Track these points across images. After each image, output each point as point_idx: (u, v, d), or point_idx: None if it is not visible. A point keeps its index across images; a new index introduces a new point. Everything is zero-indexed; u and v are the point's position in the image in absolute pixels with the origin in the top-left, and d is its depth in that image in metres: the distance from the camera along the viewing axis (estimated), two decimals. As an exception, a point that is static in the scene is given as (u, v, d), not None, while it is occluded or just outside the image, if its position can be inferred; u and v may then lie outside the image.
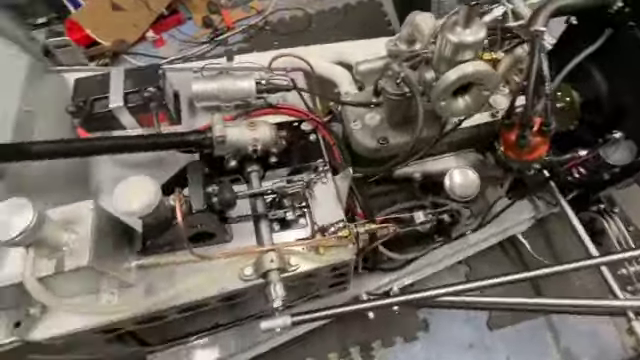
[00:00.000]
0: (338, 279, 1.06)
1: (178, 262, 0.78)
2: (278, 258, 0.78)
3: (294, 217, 0.85)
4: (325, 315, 0.90)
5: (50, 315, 0.72)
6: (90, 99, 0.90)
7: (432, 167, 1.05)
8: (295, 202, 0.85)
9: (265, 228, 0.84)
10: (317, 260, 0.84)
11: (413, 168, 1.05)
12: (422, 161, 1.05)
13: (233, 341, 1.19)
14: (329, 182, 0.96)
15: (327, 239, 0.84)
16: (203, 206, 0.69)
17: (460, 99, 0.78)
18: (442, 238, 1.16)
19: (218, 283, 0.79)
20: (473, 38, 0.68)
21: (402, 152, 0.86)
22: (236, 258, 0.81)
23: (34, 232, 0.56)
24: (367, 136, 0.95)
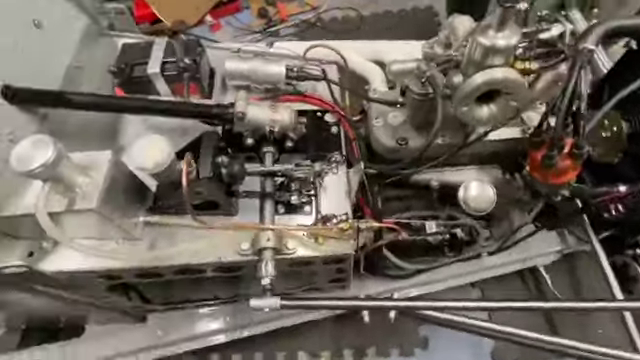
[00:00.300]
0: (338, 275, 1.05)
1: (182, 225, 0.81)
2: (275, 238, 0.79)
3: (299, 202, 0.86)
4: (316, 305, 0.90)
5: (60, 252, 0.78)
6: (131, 63, 0.96)
7: (451, 177, 1.01)
8: (302, 188, 0.86)
9: (269, 208, 0.86)
10: (315, 248, 0.84)
11: (431, 175, 1.02)
12: (441, 170, 1.01)
13: (230, 317, 1.21)
14: (341, 175, 0.95)
15: (327, 229, 0.84)
16: (209, 174, 0.72)
17: (485, 107, 0.75)
18: (453, 253, 1.11)
19: (216, 252, 0.81)
20: (505, 42, 0.65)
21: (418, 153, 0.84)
22: (236, 232, 0.83)
23: (51, 167, 0.61)
24: (387, 135, 0.94)
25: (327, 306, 0.90)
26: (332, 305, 0.90)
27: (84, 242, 0.77)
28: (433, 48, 0.96)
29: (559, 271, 1.39)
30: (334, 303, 0.91)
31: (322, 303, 0.90)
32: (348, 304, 0.92)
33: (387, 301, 0.91)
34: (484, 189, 0.84)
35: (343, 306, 0.92)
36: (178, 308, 1.15)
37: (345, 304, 0.92)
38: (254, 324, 1.22)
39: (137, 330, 1.17)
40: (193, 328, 1.17)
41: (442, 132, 0.91)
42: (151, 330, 1.16)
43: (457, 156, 0.95)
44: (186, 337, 1.16)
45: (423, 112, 0.86)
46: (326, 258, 0.87)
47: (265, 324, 1.23)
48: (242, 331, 1.23)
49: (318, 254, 0.85)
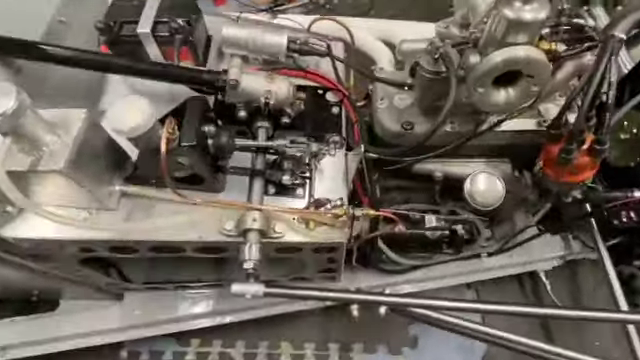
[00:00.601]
0: (328, 265, 0.99)
1: (161, 198, 0.75)
2: (262, 220, 0.72)
3: (291, 183, 0.79)
4: (302, 295, 0.83)
5: (25, 218, 0.71)
6: (120, 20, 0.88)
7: (456, 169, 0.94)
8: (296, 168, 0.79)
9: (258, 187, 0.79)
10: (305, 234, 0.78)
11: (435, 166, 0.95)
12: (446, 160, 0.94)
13: (213, 301, 1.15)
14: (339, 158, 0.88)
15: (320, 214, 0.77)
16: (193, 142, 0.65)
17: (502, 91, 0.68)
18: (451, 251, 1.05)
19: (196, 230, 0.75)
20: (532, 16, 0.58)
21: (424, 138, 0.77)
22: (221, 210, 0.76)
23: (12, 119, 0.54)
24: (391, 118, 0.87)
25: (314, 297, 0.84)
26: (319, 296, 0.84)
27: (52, 209, 0.70)
28: (448, 28, 0.89)
29: (559, 277, 1.33)
30: (322, 294, 0.85)
31: (309, 293, 0.83)
32: (337, 296, 0.85)
33: (378, 296, 0.84)
34: (493, 182, 0.77)
35: (331, 298, 0.86)
36: (158, 288, 1.09)
37: (333, 296, 0.85)
38: (238, 310, 1.16)
39: (114, 308, 1.11)
40: (173, 310, 1.11)
41: (451, 119, 0.85)
42: (128, 309, 1.10)
43: (465, 147, 0.88)
44: (165, 319, 1.10)
45: (433, 93, 0.79)
46: (316, 245, 0.80)
47: (249, 311, 1.17)
48: (225, 317, 1.17)
49: (308, 240, 0.78)
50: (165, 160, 0.62)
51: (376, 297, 0.84)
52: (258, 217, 0.72)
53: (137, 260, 1.06)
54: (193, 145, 0.65)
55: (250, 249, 0.70)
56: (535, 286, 1.39)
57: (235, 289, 0.78)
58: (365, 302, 0.85)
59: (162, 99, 0.88)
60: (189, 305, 1.14)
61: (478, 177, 0.77)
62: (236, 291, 0.78)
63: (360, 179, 0.92)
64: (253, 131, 0.85)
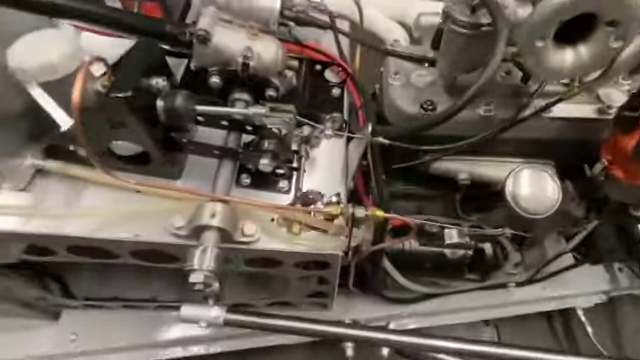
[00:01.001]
0: (317, 287, 0.77)
1: (87, 179, 0.54)
2: (225, 216, 0.52)
3: (271, 170, 0.58)
4: (277, 326, 0.61)
5: None
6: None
7: (487, 171, 0.74)
8: (279, 150, 0.59)
9: (226, 172, 0.58)
10: (286, 240, 0.57)
11: (460, 165, 0.75)
12: (475, 159, 0.75)
13: (175, 326, 0.92)
14: (338, 145, 0.69)
15: (307, 213, 0.57)
16: (127, 92, 0.45)
17: (568, 50, 0.49)
18: (474, 277, 0.83)
19: (132, 226, 0.54)
20: None
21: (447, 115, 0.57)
22: (172, 201, 0.55)
23: None
24: (408, 97, 0.67)
25: (295, 329, 0.62)
26: (302, 329, 0.62)
27: None
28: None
29: (602, 317, 1.10)
30: (305, 326, 0.63)
31: (288, 324, 0.61)
32: (325, 330, 0.63)
33: (379, 332, 0.62)
34: (544, 182, 0.57)
35: (319, 332, 0.64)
36: (96, 306, 0.86)
37: (321, 330, 0.63)
38: (208, 340, 0.93)
39: (46, 330, 0.88)
40: (117, 336, 0.87)
41: (486, 99, 0.65)
42: (62, 332, 0.87)
43: (499, 141, 0.69)
44: (105, 348, 0.86)
45: (467, 59, 0.59)
46: (302, 257, 0.59)
47: (223, 342, 0.93)
48: (189, 348, 0.94)
49: (290, 249, 0.57)
50: (78, 118, 0.43)
51: (377, 334, 0.62)
52: (219, 211, 0.51)
53: (80, 268, 0.85)
54: (126, 97, 0.45)
55: (203, 255, 0.49)
56: (568, 326, 1.15)
57: (184, 313, 0.56)
58: (362, 340, 0.63)
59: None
60: (138, 330, 0.90)
61: (523, 174, 0.57)
62: (186, 316, 0.56)
63: (363, 176, 0.72)
64: (229, 104, 0.66)
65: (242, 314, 0.60)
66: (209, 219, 0.50)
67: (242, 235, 0.55)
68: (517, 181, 0.57)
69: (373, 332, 0.64)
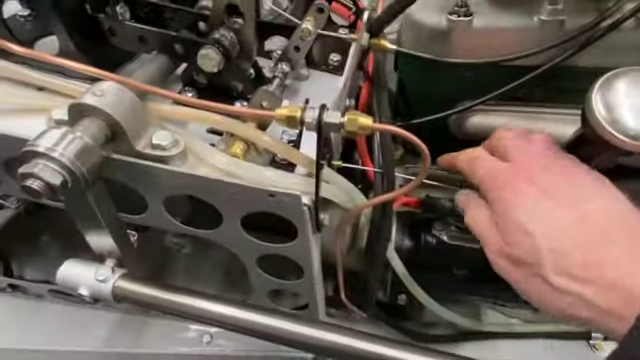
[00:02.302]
0: (287, 280, 0.53)
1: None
2: (120, 101, 0.33)
3: (215, 66, 0.40)
4: (199, 313, 0.38)
5: None
6: None
7: (545, 127, 0.49)
8: (231, 46, 0.41)
9: (154, 66, 0.42)
10: (231, 165, 0.36)
11: (506, 120, 0.51)
12: (529, 110, 0.51)
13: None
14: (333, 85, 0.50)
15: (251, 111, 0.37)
16: None
17: None
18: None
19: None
20: None
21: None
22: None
23: None
24: (431, 4, 0.48)
25: (229, 321, 0.38)
26: (252, 323, 0.38)
27: None
28: None
29: None
30: (263, 321, 0.39)
31: (215, 310, 0.38)
32: (289, 330, 0.38)
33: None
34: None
35: (278, 332, 0.39)
36: (23, 292, 0.68)
37: (284, 329, 0.39)
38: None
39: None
40: (35, 335, 0.67)
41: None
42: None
43: (569, 75, 0.46)
44: (14, 348, 0.66)
45: None
46: (242, 198, 0.38)
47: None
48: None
49: (217, 177, 0.36)
50: None
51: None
52: (111, 91, 0.33)
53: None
54: None
55: (62, 138, 0.30)
56: None
57: (65, 272, 0.37)
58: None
59: None
60: (70, 331, 0.69)
61: (618, 82, 0.33)
62: (64, 276, 0.37)
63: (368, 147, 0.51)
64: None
65: (146, 284, 0.38)
66: (92, 97, 0.32)
67: (147, 146, 0.35)
68: (609, 92, 0.33)
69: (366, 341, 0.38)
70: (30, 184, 0.28)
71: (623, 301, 0.27)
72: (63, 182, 0.29)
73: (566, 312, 0.30)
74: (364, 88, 0.54)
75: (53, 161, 0.29)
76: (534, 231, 0.31)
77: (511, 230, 0.33)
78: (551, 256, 0.30)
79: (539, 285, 0.31)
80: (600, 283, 0.28)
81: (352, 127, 0.32)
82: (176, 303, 0.39)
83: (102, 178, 0.35)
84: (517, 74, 0.47)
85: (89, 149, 0.31)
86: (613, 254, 0.29)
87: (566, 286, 0.29)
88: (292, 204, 0.37)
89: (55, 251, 0.81)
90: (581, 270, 0.29)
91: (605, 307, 0.28)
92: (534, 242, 0.31)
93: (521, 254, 0.32)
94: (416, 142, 0.32)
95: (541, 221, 0.32)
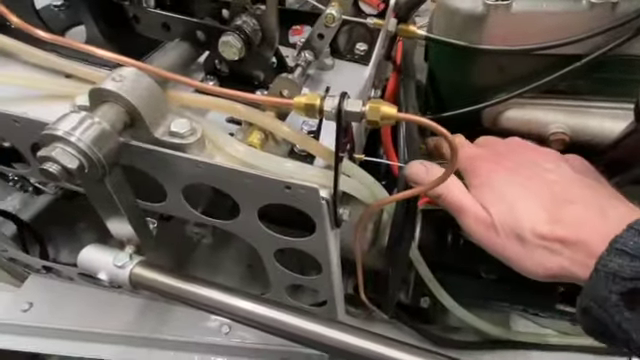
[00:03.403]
0: (305, 275, 0.51)
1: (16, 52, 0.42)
2: (139, 85, 0.33)
3: (236, 54, 0.39)
4: (219, 306, 0.38)
5: None
6: None
7: (590, 122, 0.45)
8: (253, 33, 0.40)
9: (175, 53, 0.41)
10: (249, 155, 0.36)
11: (549, 113, 0.47)
12: (573, 104, 0.46)
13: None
14: (359, 76, 0.48)
15: (269, 100, 0.35)
16: None
17: None
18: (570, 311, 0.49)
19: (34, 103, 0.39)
20: None
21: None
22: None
23: None
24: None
25: (245, 316, 0.37)
26: (273, 320, 0.38)
27: None
28: None
29: None
30: (282, 318, 0.38)
31: (236, 305, 0.37)
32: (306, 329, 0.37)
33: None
34: None
35: (293, 330, 0.38)
36: (57, 274, 0.71)
37: (302, 327, 0.38)
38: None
39: (5, 293, 0.75)
40: (70, 316, 0.70)
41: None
42: (18, 298, 0.73)
43: (622, 65, 0.41)
44: (53, 327, 0.69)
45: None
46: (257, 187, 0.36)
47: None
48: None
49: (235, 168, 0.35)
50: None
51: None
52: (130, 77, 0.33)
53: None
54: None
55: (80, 123, 0.30)
56: None
57: (85, 256, 0.38)
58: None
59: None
60: (102, 314, 0.71)
61: None
62: (84, 261, 0.37)
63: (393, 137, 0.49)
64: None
65: (163, 273, 0.38)
66: (111, 83, 0.32)
67: (165, 133, 0.35)
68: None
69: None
70: (48, 167, 0.28)
71: (587, 254, 0.30)
72: (80, 167, 0.29)
73: (540, 266, 0.33)
74: (391, 79, 0.51)
75: (70, 145, 0.29)
76: (509, 199, 0.35)
77: (489, 198, 0.36)
78: (525, 217, 0.34)
79: (515, 246, 0.34)
80: (565, 239, 0.32)
81: (374, 116, 0.30)
82: (192, 293, 0.39)
83: (120, 165, 0.35)
84: (560, 63, 0.44)
85: (106, 135, 0.31)
86: (573, 212, 0.33)
87: (538, 242, 0.33)
88: (309, 197, 0.36)
89: (90, 236, 0.84)
90: (548, 227, 0.33)
91: (571, 257, 0.32)
92: (511, 206, 0.35)
93: (499, 218, 0.35)
94: (443, 133, 0.30)
95: (514, 190, 0.36)
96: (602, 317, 0.28)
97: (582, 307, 0.30)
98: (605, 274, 0.28)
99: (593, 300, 0.29)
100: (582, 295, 0.30)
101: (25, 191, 0.80)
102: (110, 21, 0.42)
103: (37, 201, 0.87)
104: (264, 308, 0.38)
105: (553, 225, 0.33)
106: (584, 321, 0.31)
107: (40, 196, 0.86)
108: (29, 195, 0.84)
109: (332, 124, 0.32)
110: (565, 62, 0.43)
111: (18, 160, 0.51)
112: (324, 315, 0.54)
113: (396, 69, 0.52)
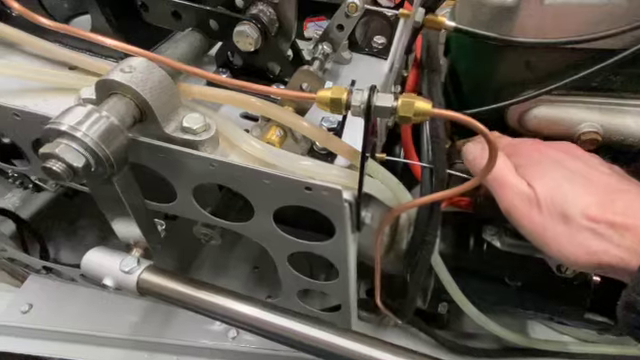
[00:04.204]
0: (318, 278, 0.49)
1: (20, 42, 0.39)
2: (149, 77, 0.30)
3: (252, 45, 0.37)
4: (226, 313, 0.35)
5: None
6: None
7: (626, 121, 0.42)
8: (268, 20, 0.37)
9: (185, 43, 0.39)
10: (266, 153, 0.33)
11: (580, 112, 0.44)
12: (606, 101, 0.44)
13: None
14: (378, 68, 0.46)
15: (292, 95, 0.33)
16: None
17: None
18: (605, 319, 0.46)
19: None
20: None
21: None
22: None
23: None
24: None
25: (255, 324, 0.35)
26: (282, 329, 0.35)
27: None
28: None
29: None
30: (291, 326, 0.35)
31: (244, 311, 0.35)
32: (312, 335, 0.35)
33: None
34: None
35: (305, 340, 0.36)
36: (58, 275, 0.69)
37: (312, 336, 0.35)
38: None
39: (5, 294, 0.73)
40: (71, 317, 0.67)
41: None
42: (18, 299, 0.70)
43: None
44: (52, 329, 0.67)
45: None
46: (278, 187, 0.34)
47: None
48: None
49: (251, 167, 0.33)
50: None
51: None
52: (140, 69, 0.31)
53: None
54: None
55: (87, 117, 0.27)
56: None
57: (89, 259, 0.35)
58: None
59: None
60: (110, 308, 0.68)
61: None
62: (88, 264, 0.35)
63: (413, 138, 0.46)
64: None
65: (170, 278, 0.36)
66: (119, 74, 0.30)
67: (177, 129, 0.33)
68: None
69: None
70: (51, 166, 0.26)
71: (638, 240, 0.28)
72: (86, 165, 0.27)
73: (583, 250, 0.31)
74: (411, 74, 0.49)
75: (76, 141, 0.26)
76: (557, 178, 0.33)
77: (536, 174, 0.34)
78: (574, 197, 0.32)
79: (558, 226, 0.32)
80: (615, 223, 0.30)
81: (407, 112, 0.28)
82: (204, 302, 0.36)
83: (129, 163, 0.32)
84: (593, 58, 0.41)
85: (115, 130, 0.28)
86: (626, 199, 0.31)
87: (586, 224, 0.31)
88: (331, 199, 0.33)
89: (92, 236, 0.81)
90: (600, 209, 0.31)
91: (619, 243, 0.29)
92: (559, 184, 0.33)
93: (545, 194, 0.33)
94: (482, 130, 0.27)
95: (564, 173, 0.34)
96: None
97: (626, 301, 0.28)
98: None
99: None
100: (628, 288, 0.28)
101: (25, 188, 0.78)
102: (117, 9, 0.40)
103: (37, 198, 0.84)
104: (280, 318, 0.36)
105: (605, 208, 0.31)
106: (626, 318, 0.29)
107: (40, 193, 0.84)
108: (29, 192, 0.81)
109: (352, 122, 0.30)
110: (599, 57, 0.41)
111: (18, 156, 0.48)
112: (337, 321, 0.52)
113: (416, 64, 0.49)
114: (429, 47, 0.46)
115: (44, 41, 0.40)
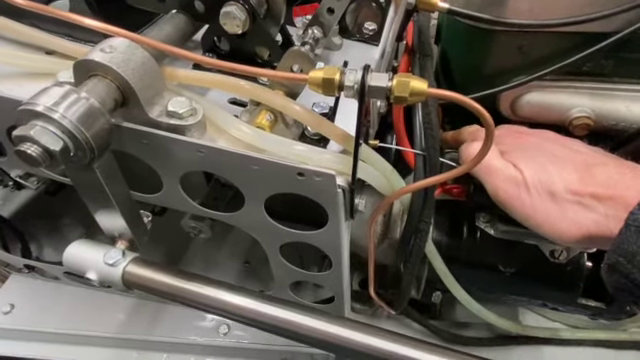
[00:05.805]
0: (312, 269, 0.48)
1: None
2: (131, 57, 0.29)
3: (239, 28, 0.36)
4: (212, 304, 0.34)
5: None
6: None
7: (620, 106, 0.42)
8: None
9: (170, 25, 0.37)
10: (256, 137, 0.32)
11: (573, 96, 0.44)
12: (599, 86, 0.44)
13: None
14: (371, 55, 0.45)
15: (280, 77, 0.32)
16: None
17: None
18: (598, 304, 0.46)
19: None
20: None
21: None
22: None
23: None
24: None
25: (264, 319, 0.34)
26: (274, 319, 0.34)
27: None
28: None
29: None
30: (283, 315, 0.34)
31: (231, 301, 0.34)
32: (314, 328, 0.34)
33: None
34: None
35: (298, 329, 0.35)
36: (40, 273, 0.67)
37: (308, 325, 0.34)
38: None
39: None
40: (54, 317, 0.65)
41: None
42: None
43: None
44: (35, 330, 0.64)
45: None
46: (268, 173, 0.33)
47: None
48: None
49: (239, 152, 0.31)
50: None
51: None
52: (121, 49, 0.29)
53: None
54: None
55: (63, 97, 0.26)
56: None
57: (71, 252, 0.33)
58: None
59: None
60: (89, 314, 0.66)
61: None
62: (70, 258, 0.33)
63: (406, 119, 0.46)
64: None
65: (163, 271, 0.34)
66: (99, 54, 0.28)
67: (162, 113, 0.31)
68: None
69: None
70: (26, 149, 0.24)
71: (623, 207, 0.29)
72: (64, 149, 0.25)
73: (574, 224, 0.32)
74: (403, 61, 0.48)
75: (53, 123, 0.25)
76: (541, 160, 0.35)
77: (522, 157, 0.36)
78: (557, 175, 0.34)
79: (547, 204, 0.33)
80: (597, 194, 0.31)
81: (402, 92, 0.27)
82: (194, 293, 0.35)
83: (111, 149, 0.31)
84: (585, 42, 0.41)
85: (95, 112, 0.27)
86: (605, 171, 0.33)
87: (571, 198, 0.32)
88: (325, 185, 0.32)
89: (75, 233, 0.79)
90: (581, 182, 0.32)
91: (605, 213, 0.31)
92: (543, 165, 0.34)
93: (531, 175, 0.34)
94: (481, 111, 0.27)
95: (547, 155, 0.36)
96: (630, 273, 0.27)
97: (609, 263, 0.29)
98: (636, 228, 0.27)
99: (622, 255, 0.28)
100: (610, 251, 0.29)
101: (5, 186, 0.75)
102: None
103: (18, 196, 0.81)
104: (273, 307, 0.35)
105: (587, 182, 0.32)
106: (610, 279, 0.30)
107: (21, 191, 0.81)
108: (9, 190, 0.78)
109: (345, 106, 0.29)
110: (591, 41, 0.40)
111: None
112: (332, 312, 0.51)
113: (407, 50, 0.48)
114: (421, 32, 0.45)
115: (18, 24, 0.38)
